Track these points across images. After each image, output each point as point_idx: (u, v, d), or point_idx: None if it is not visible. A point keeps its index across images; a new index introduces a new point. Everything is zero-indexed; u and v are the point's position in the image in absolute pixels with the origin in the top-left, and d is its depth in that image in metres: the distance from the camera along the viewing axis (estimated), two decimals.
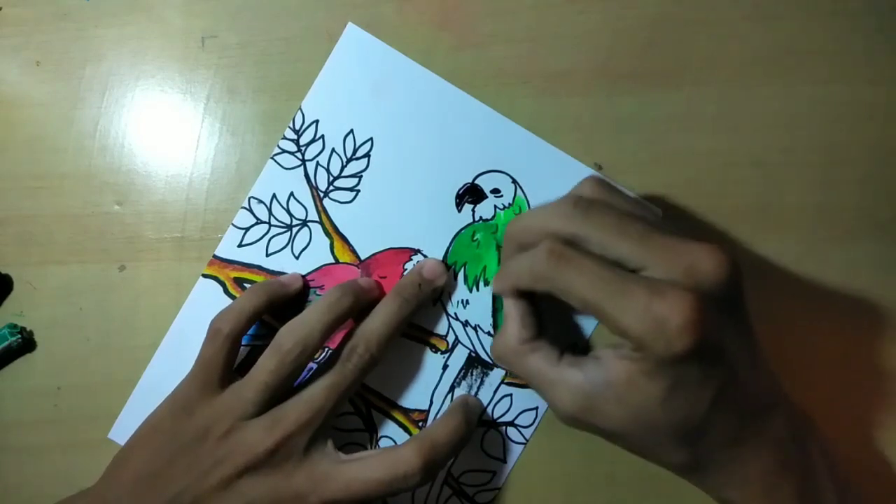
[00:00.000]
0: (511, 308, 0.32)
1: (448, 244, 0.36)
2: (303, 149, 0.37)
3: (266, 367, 0.32)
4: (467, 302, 0.36)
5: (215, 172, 0.37)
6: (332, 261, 0.37)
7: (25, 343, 0.37)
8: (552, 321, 0.34)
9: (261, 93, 0.37)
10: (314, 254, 0.37)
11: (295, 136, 0.37)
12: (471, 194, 0.36)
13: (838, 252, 0.35)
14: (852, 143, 0.36)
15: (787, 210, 0.36)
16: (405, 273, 0.36)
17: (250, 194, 0.37)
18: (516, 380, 0.36)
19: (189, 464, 0.31)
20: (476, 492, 0.36)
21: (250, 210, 0.37)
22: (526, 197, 0.36)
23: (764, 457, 0.28)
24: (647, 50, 0.36)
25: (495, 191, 0.36)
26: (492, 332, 0.36)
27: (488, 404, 0.36)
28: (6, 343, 0.36)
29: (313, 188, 0.37)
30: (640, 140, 0.36)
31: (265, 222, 0.37)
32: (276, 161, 0.37)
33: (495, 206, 0.36)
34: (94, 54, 0.38)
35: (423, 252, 0.36)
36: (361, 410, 0.36)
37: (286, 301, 0.36)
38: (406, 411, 0.36)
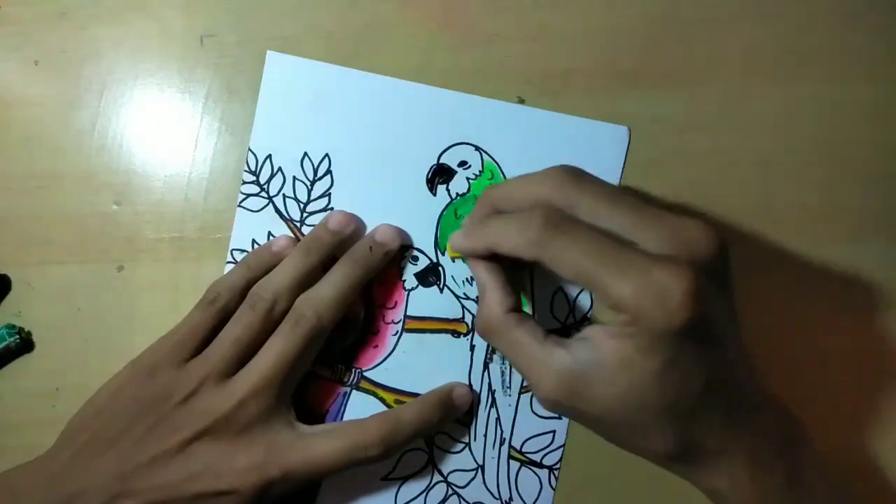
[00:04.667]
0: (486, 275, 0.30)
1: (434, 230, 0.36)
2: (265, 186, 0.37)
3: (238, 321, 0.33)
4: (472, 279, 0.36)
5: (214, 172, 0.37)
6: None
7: (24, 344, 0.37)
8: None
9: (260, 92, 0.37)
10: None
11: (254, 178, 0.37)
12: (440, 174, 0.36)
13: (839, 252, 0.35)
14: (853, 143, 0.36)
15: (788, 210, 0.36)
16: (402, 269, 0.36)
17: (231, 247, 0.37)
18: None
19: (147, 428, 0.31)
20: (543, 455, 0.36)
21: (235, 263, 0.37)
22: (494, 159, 0.36)
23: (754, 448, 0.28)
24: (648, 49, 0.36)
25: (462, 163, 0.36)
26: None
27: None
28: (4, 344, 0.36)
29: (288, 221, 0.37)
30: (640, 140, 0.36)
31: None
32: (244, 207, 0.37)
33: (467, 178, 0.36)
34: (92, 53, 0.38)
35: (413, 245, 0.36)
36: None
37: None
38: None
